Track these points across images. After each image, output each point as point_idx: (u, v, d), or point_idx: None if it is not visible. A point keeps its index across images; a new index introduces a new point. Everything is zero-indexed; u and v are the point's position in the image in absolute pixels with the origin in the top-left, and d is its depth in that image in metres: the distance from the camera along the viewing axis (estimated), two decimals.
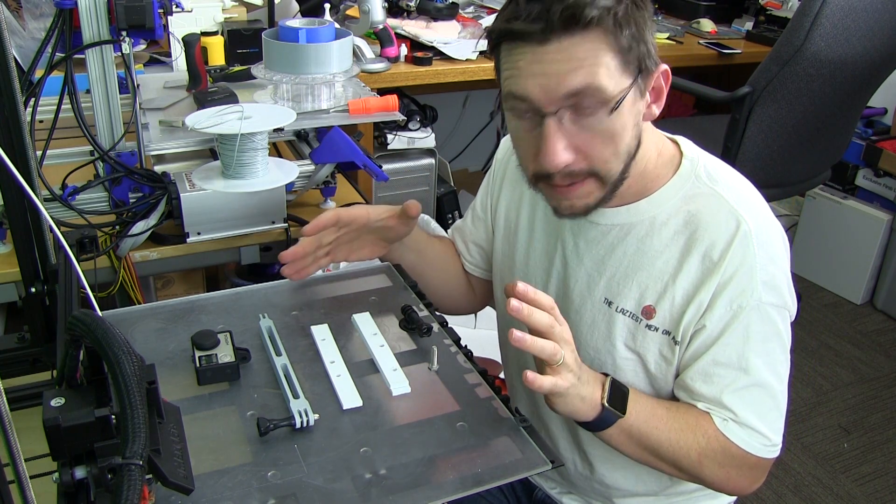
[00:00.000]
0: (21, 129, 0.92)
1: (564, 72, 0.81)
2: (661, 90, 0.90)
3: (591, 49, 0.81)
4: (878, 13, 1.94)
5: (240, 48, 1.76)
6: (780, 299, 0.91)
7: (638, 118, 0.88)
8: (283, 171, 1.24)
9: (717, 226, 0.91)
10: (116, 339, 0.60)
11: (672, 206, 0.94)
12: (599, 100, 0.82)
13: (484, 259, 1.19)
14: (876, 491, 2.09)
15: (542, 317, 0.81)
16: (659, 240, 0.94)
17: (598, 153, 0.86)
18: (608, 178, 0.88)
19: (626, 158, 0.88)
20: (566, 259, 1.02)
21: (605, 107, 0.83)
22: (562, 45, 0.80)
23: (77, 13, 1.11)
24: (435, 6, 2.31)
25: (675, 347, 0.94)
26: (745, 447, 0.91)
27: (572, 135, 0.85)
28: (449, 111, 2.96)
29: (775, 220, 0.95)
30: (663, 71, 0.89)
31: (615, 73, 0.82)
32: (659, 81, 0.89)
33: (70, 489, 0.60)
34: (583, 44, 0.80)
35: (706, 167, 0.96)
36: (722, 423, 0.91)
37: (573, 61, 0.81)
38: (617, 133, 0.85)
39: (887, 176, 2.78)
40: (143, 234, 1.20)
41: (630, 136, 0.87)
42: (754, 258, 0.89)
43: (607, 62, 0.81)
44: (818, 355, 2.63)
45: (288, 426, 0.80)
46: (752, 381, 0.91)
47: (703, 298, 0.91)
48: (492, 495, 1.19)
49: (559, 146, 0.84)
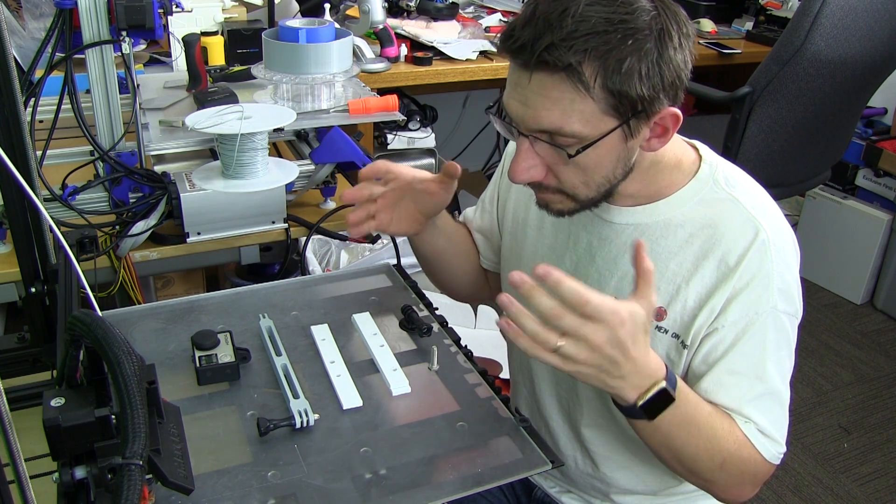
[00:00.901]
0: (21, 129, 0.92)
1: (539, 107, 0.80)
2: (668, 130, 0.86)
3: (565, 93, 0.79)
4: (878, 13, 1.94)
5: (240, 48, 1.76)
6: (793, 307, 0.91)
7: (626, 153, 0.86)
8: (283, 171, 1.24)
9: (734, 231, 0.90)
10: (116, 339, 0.60)
11: (689, 208, 0.94)
12: (572, 139, 0.81)
13: (494, 252, 1.19)
14: (876, 491, 2.09)
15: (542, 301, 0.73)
16: (674, 242, 0.94)
17: (566, 179, 0.86)
18: (578, 198, 0.89)
19: (605, 186, 0.87)
20: (577, 256, 1.02)
21: (579, 144, 0.82)
22: (540, 81, 0.79)
23: (77, 13, 1.11)
24: (435, 6, 2.32)
25: (682, 351, 0.93)
26: (766, 454, 0.91)
27: (545, 156, 0.85)
28: (449, 111, 2.96)
29: (788, 224, 0.95)
30: (672, 114, 0.84)
31: (592, 118, 0.80)
32: (665, 122, 0.85)
33: (70, 489, 0.60)
34: (558, 86, 0.79)
35: (724, 172, 0.95)
36: (748, 428, 0.90)
37: (547, 100, 0.79)
38: (589, 167, 0.84)
39: (887, 176, 2.78)
40: (143, 234, 1.20)
41: (608, 169, 0.86)
42: (772, 265, 0.89)
43: (582, 108, 0.79)
44: (818, 355, 2.63)
45: (288, 426, 0.80)
46: (767, 390, 0.91)
47: (715, 303, 0.90)
48: (492, 495, 1.19)
49: (524, 165, 0.85)
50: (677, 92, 0.84)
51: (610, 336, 0.74)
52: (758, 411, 0.90)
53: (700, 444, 0.87)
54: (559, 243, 1.04)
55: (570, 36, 0.76)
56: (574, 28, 0.76)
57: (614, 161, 0.85)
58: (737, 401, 0.90)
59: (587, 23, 0.77)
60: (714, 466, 0.89)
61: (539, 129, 0.82)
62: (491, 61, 2.13)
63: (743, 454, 0.90)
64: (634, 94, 0.79)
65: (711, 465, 0.89)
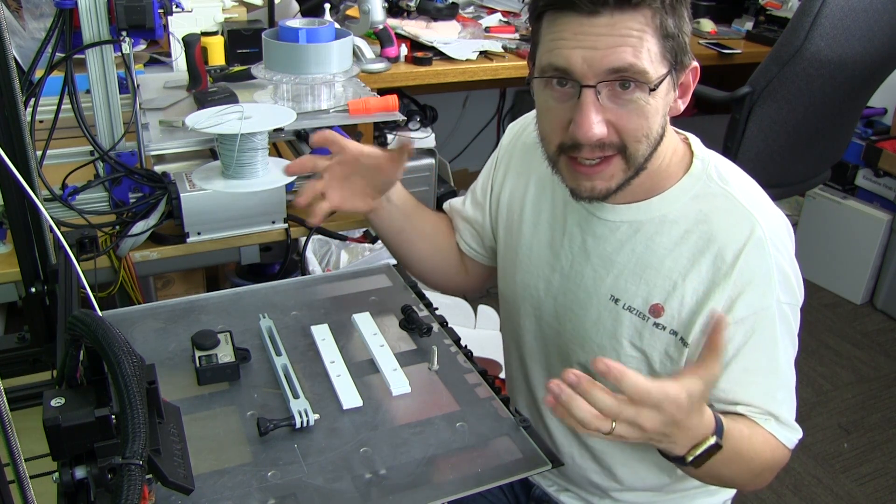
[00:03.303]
0: (21, 129, 0.92)
1: (611, 47, 0.81)
2: (689, 87, 0.91)
3: (639, 28, 0.81)
4: (878, 13, 1.94)
5: (240, 48, 1.76)
6: (794, 297, 0.93)
7: (667, 108, 0.89)
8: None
9: (730, 227, 0.91)
10: (116, 339, 0.60)
11: (683, 204, 0.94)
12: (639, 80, 0.83)
13: (477, 242, 1.19)
14: (876, 491, 2.09)
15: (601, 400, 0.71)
16: (669, 238, 0.94)
17: (631, 129, 0.86)
18: (635, 158, 0.88)
19: (654, 143, 0.89)
20: (573, 254, 1.02)
21: (643, 87, 0.83)
22: (612, 19, 0.81)
23: (77, 13, 1.11)
24: (435, 6, 2.31)
25: (683, 349, 0.93)
26: (788, 444, 0.93)
27: (608, 109, 0.85)
28: (449, 111, 2.96)
29: (780, 212, 0.96)
30: (693, 68, 0.90)
31: (656, 58, 0.83)
32: (688, 78, 0.90)
33: (70, 489, 0.60)
34: (632, 21, 0.81)
35: (717, 167, 0.96)
36: (770, 426, 0.91)
37: (620, 37, 0.81)
38: (650, 115, 0.86)
39: (887, 176, 2.77)
40: (143, 234, 1.20)
41: (659, 124, 0.88)
42: (770, 261, 0.89)
43: (651, 46, 0.82)
44: (818, 355, 2.63)
45: (288, 426, 0.80)
46: (781, 382, 0.93)
47: (716, 304, 0.90)
48: (492, 494, 1.19)
49: (595, 118, 0.84)
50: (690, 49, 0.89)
51: (665, 420, 0.74)
52: (776, 404, 0.92)
53: (742, 467, 0.89)
54: (555, 240, 1.04)
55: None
56: None
57: (663, 114, 0.88)
58: (756, 398, 0.92)
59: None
60: (752, 478, 0.92)
61: (610, 67, 0.82)
62: (491, 61, 2.13)
63: (775, 456, 0.92)
64: (682, 39, 0.85)
65: (750, 477, 0.92)
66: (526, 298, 1.08)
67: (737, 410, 0.92)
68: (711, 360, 0.77)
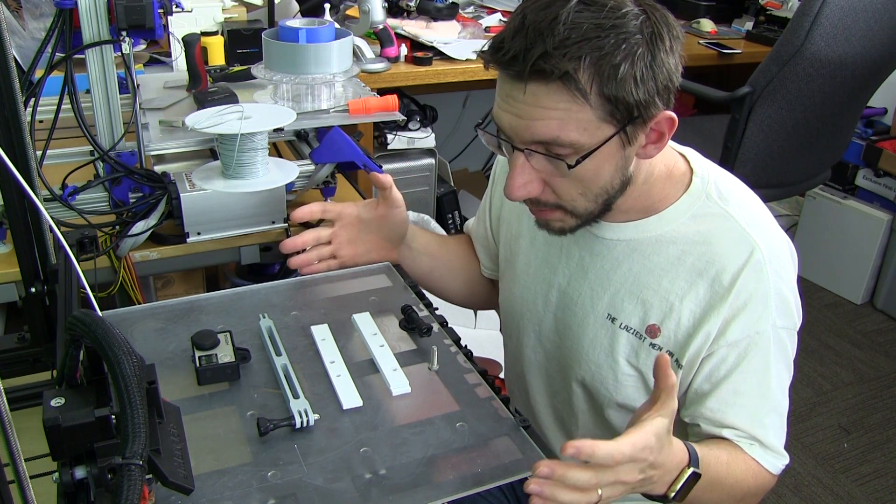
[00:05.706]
0: (21, 129, 0.92)
1: (535, 118, 0.79)
2: (663, 135, 0.85)
3: (561, 102, 0.77)
4: (878, 13, 1.94)
5: (240, 48, 1.76)
6: (791, 321, 0.92)
7: (623, 161, 0.84)
8: (283, 171, 1.24)
9: (728, 250, 0.89)
10: (116, 339, 0.60)
11: (681, 224, 0.92)
12: (569, 149, 0.80)
13: (492, 260, 1.19)
14: (876, 491, 2.09)
15: (578, 478, 0.71)
16: (666, 258, 0.93)
17: (564, 192, 0.85)
18: (577, 212, 0.87)
19: (603, 197, 0.86)
20: (570, 271, 1.01)
21: (577, 154, 0.80)
22: (534, 91, 0.78)
23: (77, 13, 1.11)
24: (435, 6, 2.31)
25: (678, 370, 0.92)
26: (772, 470, 0.92)
27: (540, 170, 0.84)
28: (449, 111, 2.96)
29: (783, 234, 0.94)
30: (667, 118, 0.83)
31: (590, 126, 0.79)
32: (661, 126, 0.84)
33: (70, 489, 0.60)
34: (553, 95, 0.77)
35: (717, 185, 0.94)
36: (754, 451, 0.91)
37: (544, 110, 0.78)
38: (588, 178, 0.83)
39: (887, 176, 2.77)
40: (143, 234, 1.20)
41: (606, 179, 0.85)
42: (768, 284, 0.88)
43: (583, 115, 0.78)
44: (818, 355, 2.63)
45: (288, 426, 0.80)
46: (771, 407, 0.91)
47: (711, 327, 0.89)
48: (491, 495, 1.19)
49: (520, 181, 0.83)
50: (670, 95, 0.83)
51: (642, 466, 0.74)
52: (763, 429, 0.91)
53: (723, 494, 0.88)
54: (552, 257, 1.03)
55: (563, 43, 0.75)
56: (566, 35, 0.75)
57: (612, 170, 0.84)
58: (743, 421, 0.90)
59: (579, 29, 0.75)
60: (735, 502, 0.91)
61: (535, 140, 0.80)
62: None
63: (758, 481, 0.91)
64: (631, 99, 0.78)
65: (732, 503, 0.90)
66: (524, 314, 1.08)
67: (722, 434, 0.91)
68: (667, 396, 0.75)
